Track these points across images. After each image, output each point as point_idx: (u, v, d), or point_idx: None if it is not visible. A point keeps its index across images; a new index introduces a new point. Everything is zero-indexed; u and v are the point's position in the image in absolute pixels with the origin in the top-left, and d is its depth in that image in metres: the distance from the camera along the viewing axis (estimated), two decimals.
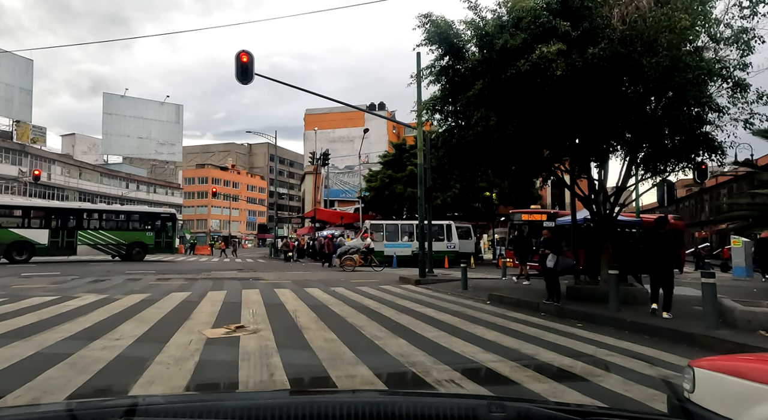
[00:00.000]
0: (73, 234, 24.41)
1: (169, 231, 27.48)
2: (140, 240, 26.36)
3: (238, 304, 9.53)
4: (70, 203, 34.73)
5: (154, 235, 26.78)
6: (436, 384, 4.44)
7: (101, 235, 25.25)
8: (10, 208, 24.69)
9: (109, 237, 25.45)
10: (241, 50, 12.76)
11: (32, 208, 25.46)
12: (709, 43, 9.09)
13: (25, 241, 22.94)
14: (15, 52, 50.19)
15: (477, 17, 9.91)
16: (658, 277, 8.39)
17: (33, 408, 2.10)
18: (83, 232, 24.78)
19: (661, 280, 8.29)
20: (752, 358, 2.72)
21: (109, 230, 25.60)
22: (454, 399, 1.95)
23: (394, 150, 36.18)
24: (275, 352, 5.44)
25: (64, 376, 4.39)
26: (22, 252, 22.77)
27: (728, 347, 6.00)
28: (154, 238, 26.73)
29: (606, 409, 2.04)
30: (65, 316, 7.71)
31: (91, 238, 24.93)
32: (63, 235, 24.19)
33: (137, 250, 26.18)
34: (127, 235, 26.02)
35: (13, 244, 22.60)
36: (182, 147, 79.17)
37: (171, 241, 27.70)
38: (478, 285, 13.94)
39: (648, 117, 9.41)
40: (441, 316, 8.61)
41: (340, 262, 21.62)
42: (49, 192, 47.93)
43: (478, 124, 9.96)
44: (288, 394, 2.27)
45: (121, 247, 25.72)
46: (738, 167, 20.38)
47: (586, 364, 5.27)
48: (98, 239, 25.16)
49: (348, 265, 21.08)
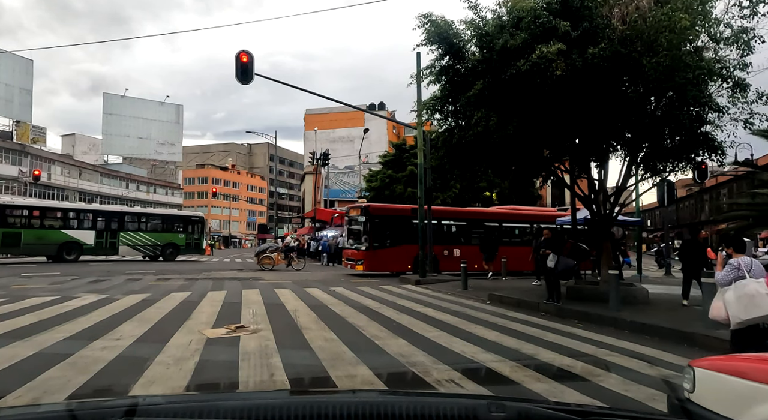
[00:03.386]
0: (116, 235, 25.76)
1: (197, 233, 29.00)
2: (173, 241, 27.70)
3: (238, 304, 9.53)
4: (114, 206, 35.54)
5: (185, 236, 28.33)
6: (436, 384, 4.45)
7: (140, 237, 26.63)
8: (61, 210, 25.97)
9: (147, 238, 26.82)
10: (241, 50, 12.76)
11: (80, 210, 26.62)
12: (709, 43, 9.10)
13: (74, 242, 24.17)
14: (15, 52, 50.23)
15: (477, 17, 9.91)
16: (690, 276, 9.73)
17: (33, 408, 2.10)
18: (125, 234, 26.10)
19: (694, 278, 9.54)
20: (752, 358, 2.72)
21: (147, 232, 27.01)
22: (454, 399, 1.95)
23: (394, 150, 36.23)
24: (275, 352, 5.44)
25: (64, 376, 4.39)
26: (71, 252, 23.91)
27: (728, 347, 5.99)
28: (185, 239, 28.25)
29: (606, 409, 2.04)
30: (65, 316, 7.71)
31: (131, 239, 26.26)
32: (107, 236, 25.56)
33: (170, 250, 27.47)
34: (162, 236, 27.40)
35: (64, 244, 23.81)
36: (182, 147, 79.22)
37: (199, 242, 29.21)
38: (478, 285, 13.94)
39: (648, 117, 9.41)
40: (441, 316, 8.61)
41: (258, 261, 21.16)
42: (49, 192, 47.92)
43: (478, 124, 9.96)
44: (288, 394, 2.26)
45: (156, 248, 27.07)
46: (738, 167, 20.39)
47: (586, 364, 5.27)
48: (137, 240, 26.48)
49: (266, 263, 20.59)
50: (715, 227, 35.34)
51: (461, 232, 20.28)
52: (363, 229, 18.62)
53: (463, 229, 20.39)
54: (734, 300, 4.98)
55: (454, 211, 21.95)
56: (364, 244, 18.40)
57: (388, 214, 19.52)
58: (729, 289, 5.09)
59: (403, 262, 17.92)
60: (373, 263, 18.16)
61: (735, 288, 5.03)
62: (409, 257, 17.58)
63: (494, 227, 20.54)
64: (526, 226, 21.23)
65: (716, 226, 34.23)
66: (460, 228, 20.42)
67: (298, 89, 21.08)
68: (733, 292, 5.03)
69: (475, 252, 18.26)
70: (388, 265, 18.24)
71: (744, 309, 4.89)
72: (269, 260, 20.69)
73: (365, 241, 18.34)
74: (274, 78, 23.21)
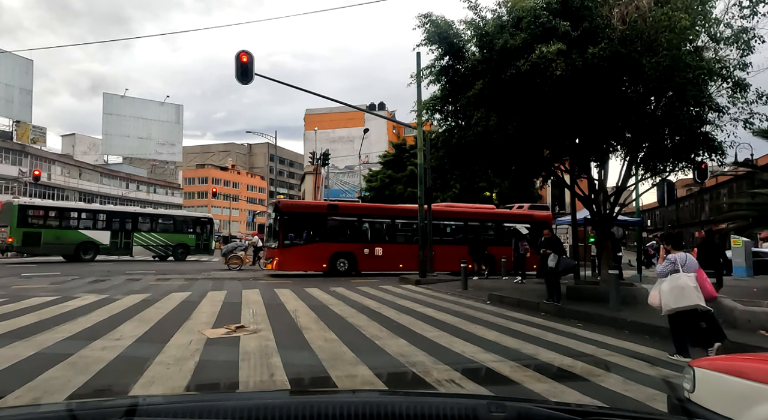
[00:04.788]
0: (130, 236, 26.40)
1: (206, 233, 29.87)
2: (184, 242, 28.45)
3: (238, 304, 9.53)
4: (128, 207, 36.20)
5: (195, 237, 29.14)
6: (436, 384, 4.45)
7: (153, 237, 27.37)
8: (78, 210, 26.43)
9: (159, 239, 27.55)
10: (241, 50, 12.76)
11: (97, 211, 27.15)
12: (709, 43, 9.10)
13: (91, 242, 24.80)
14: (15, 52, 50.22)
15: (477, 17, 9.92)
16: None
17: (33, 408, 2.10)
18: (138, 234, 26.74)
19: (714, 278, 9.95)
20: (752, 358, 2.73)
21: (159, 233, 27.74)
22: (454, 399, 1.95)
23: (394, 150, 36.24)
24: (275, 352, 5.44)
25: (64, 376, 4.39)
26: (88, 251, 24.51)
27: (728, 347, 5.99)
28: (195, 239, 29.05)
29: (606, 409, 2.04)
30: (65, 316, 7.71)
31: (144, 240, 26.99)
32: (122, 236, 26.17)
33: (181, 250, 28.19)
34: (173, 237, 28.09)
35: (81, 244, 24.42)
36: (182, 147, 79.13)
37: (208, 242, 30.03)
38: (478, 285, 13.94)
39: (648, 117, 9.41)
40: (441, 316, 8.61)
41: (225, 261, 20.86)
42: (49, 192, 47.89)
43: (478, 124, 9.96)
44: (288, 394, 2.27)
45: (168, 248, 27.74)
46: (738, 167, 20.38)
47: (586, 364, 5.27)
48: (150, 241, 27.19)
49: (234, 263, 20.34)
50: (715, 227, 35.30)
51: (388, 230, 19.40)
52: (274, 226, 17.87)
53: (389, 227, 19.45)
54: (668, 290, 5.69)
55: (379, 208, 21.26)
56: (275, 242, 17.62)
57: (301, 210, 19.01)
58: (665, 281, 5.77)
59: (318, 261, 17.41)
60: (285, 262, 17.25)
61: (669, 280, 5.71)
62: (325, 256, 17.27)
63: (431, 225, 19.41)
64: (458, 223, 20.32)
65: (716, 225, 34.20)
66: (387, 226, 19.49)
67: (298, 89, 21.12)
68: (667, 284, 5.71)
69: (401, 251, 17.89)
70: (301, 264, 17.51)
71: (674, 299, 5.61)
72: (237, 260, 20.44)
73: (276, 239, 17.52)
74: (274, 78, 23.21)
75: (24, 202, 25.65)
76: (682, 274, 5.65)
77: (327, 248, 17.39)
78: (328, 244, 17.36)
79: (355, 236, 18.40)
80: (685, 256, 5.84)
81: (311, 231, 17.92)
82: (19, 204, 24.45)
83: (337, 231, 18.67)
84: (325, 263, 17.40)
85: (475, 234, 19.59)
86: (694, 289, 5.55)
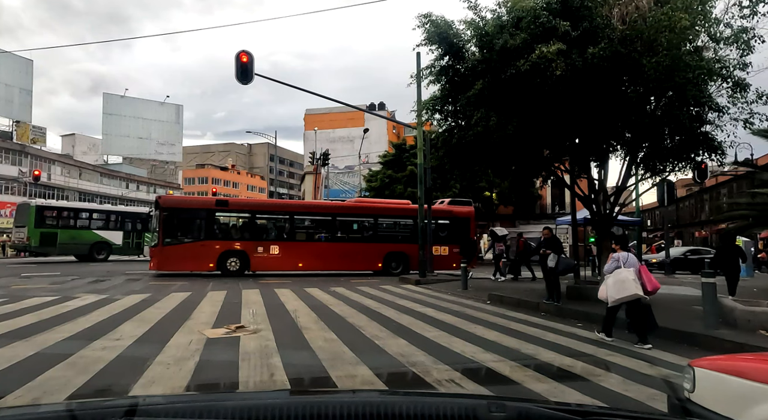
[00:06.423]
0: (141, 236, 26.59)
1: None
2: None
3: (238, 304, 9.53)
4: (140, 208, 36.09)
5: None
6: (436, 384, 4.45)
7: None
8: (92, 211, 26.81)
9: None
10: (241, 50, 12.77)
11: (110, 211, 27.50)
12: (709, 43, 9.10)
13: (104, 242, 25.31)
14: (15, 52, 50.20)
15: (477, 17, 9.92)
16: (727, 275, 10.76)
17: (33, 408, 2.10)
18: (148, 234, 27.03)
19: (730, 277, 10.63)
20: (752, 358, 2.73)
21: None
22: (454, 399, 1.95)
23: (394, 150, 36.16)
24: (275, 353, 5.44)
25: (64, 377, 4.39)
26: (101, 251, 24.98)
27: (728, 347, 5.99)
28: None
29: (606, 409, 2.04)
30: (65, 316, 7.70)
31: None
32: (133, 236, 26.65)
33: None
34: None
35: (95, 244, 24.94)
36: (182, 147, 79.12)
37: None
38: (479, 285, 13.94)
39: (648, 117, 9.41)
40: (441, 316, 8.61)
41: None
42: (49, 192, 47.85)
43: (478, 124, 9.96)
44: (288, 394, 2.27)
45: None
46: (738, 167, 20.39)
47: (586, 364, 5.27)
48: None
49: None
50: (715, 227, 35.34)
51: (286, 228, 18.28)
52: (155, 223, 16.89)
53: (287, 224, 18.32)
54: (612, 284, 6.55)
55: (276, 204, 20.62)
56: (154, 240, 16.76)
57: (185, 206, 17.92)
58: (610, 276, 6.63)
59: (203, 261, 16.45)
60: (164, 261, 16.22)
61: (614, 275, 6.58)
62: (212, 255, 16.41)
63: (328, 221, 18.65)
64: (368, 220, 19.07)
65: (716, 226, 34.22)
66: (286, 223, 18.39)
67: (298, 89, 21.08)
68: (612, 278, 6.58)
69: (301, 249, 17.44)
70: (183, 264, 16.38)
71: (617, 291, 6.46)
72: None
73: (155, 237, 16.62)
74: (274, 78, 23.24)
75: (41, 203, 26.03)
76: (624, 269, 6.52)
77: (214, 247, 16.44)
78: (216, 242, 16.50)
79: (247, 234, 17.40)
80: (627, 254, 6.75)
81: (196, 228, 16.98)
82: (37, 205, 24.87)
83: (227, 228, 17.79)
84: (212, 263, 16.43)
85: (389, 231, 18.99)
86: (633, 282, 6.39)
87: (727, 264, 10.71)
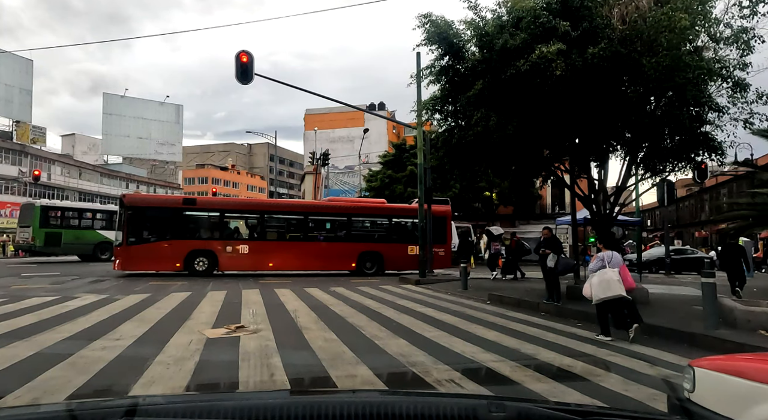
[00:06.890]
0: None
1: None
2: None
3: (238, 304, 9.53)
4: None
5: None
6: (436, 384, 4.45)
7: None
8: (96, 211, 26.71)
9: None
10: (241, 50, 12.77)
11: (113, 212, 27.36)
12: (709, 43, 9.10)
13: (108, 242, 24.74)
14: (15, 52, 50.20)
15: (477, 17, 9.92)
16: (733, 275, 11.06)
17: (33, 408, 2.10)
18: None
19: (736, 277, 10.95)
20: (752, 358, 2.73)
21: None
22: (454, 399, 1.95)
23: (394, 150, 36.15)
24: (275, 353, 5.44)
25: (64, 376, 4.39)
26: (105, 251, 24.44)
27: (728, 347, 5.99)
28: None
29: (606, 409, 2.04)
30: (65, 316, 7.71)
31: None
32: None
33: None
34: None
35: (99, 244, 24.77)
36: (182, 147, 79.14)
37: None
38: (479, 285, 13.93)
39: (648, 117, 9.41)
40: (441, 316, 8.61)
41: None
42: (49, 192, 47.84)
43: (478, 124, 9.96)
44: (288, 394, 2.27)
45: None
46: (738, 167, 20.40)
47: (586, 364, 5.27)
48: None
49: None
50: (715, 227, 35.32)
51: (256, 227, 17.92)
52: (120, 222, 16.48)
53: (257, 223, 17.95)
54: (596, 283, 6.70)
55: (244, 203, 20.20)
56: (118, 239, 16.26)
57: (150, 205, 17.63)
58: (595, 275, 6.77)
59: (169, 260, 16.10)
60: (128, 261, 15.78)
61: (598, 274, 6.74)
62: (179, 254, 16.03)
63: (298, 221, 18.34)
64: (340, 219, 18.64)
65: (716, 226, 34.20)
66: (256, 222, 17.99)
67: (298, 89, 21.09)
68: (597, 277, 6.73)
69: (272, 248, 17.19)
70: (148, 264, 16.08)
71: (602, 290, 6.63)
72: None
73: (120, 236, 16.08)
74: (274, 78, 23.21)
75: (46, 203, 26.07)
76: (608, 269, 6.71)
77: (181, 246, 16.06)
78: (183, 241, 16.10)
79: (216, 233, 17.08)
80: (611, 253, 6.93)
81: (162, 227, 16.53)
82: (42, 205, 24.90)
83: (194, 227, 17.34)
84: (179, 262, 16.06)
85: (363, 231, 18.82)
86: (617, 282, 6.58)
87: (728, 264, 10.87)
